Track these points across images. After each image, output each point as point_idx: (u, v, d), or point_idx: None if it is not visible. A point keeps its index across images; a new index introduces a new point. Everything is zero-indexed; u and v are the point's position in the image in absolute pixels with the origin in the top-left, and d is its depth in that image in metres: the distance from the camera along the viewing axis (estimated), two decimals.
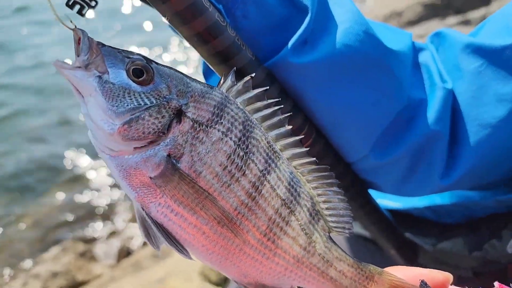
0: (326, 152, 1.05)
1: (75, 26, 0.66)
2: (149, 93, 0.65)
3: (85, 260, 4.15)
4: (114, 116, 0.63)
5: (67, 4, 0.90)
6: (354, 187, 1.14)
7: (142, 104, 0.64)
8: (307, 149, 0.77)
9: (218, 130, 0.68)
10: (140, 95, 0.65)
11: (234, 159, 0.68)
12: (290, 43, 0.90)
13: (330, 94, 0.95)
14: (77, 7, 0.92)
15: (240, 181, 0.68)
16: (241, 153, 0.69)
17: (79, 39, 0.65)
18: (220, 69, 0.88)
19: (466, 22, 5.36)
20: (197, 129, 0.67)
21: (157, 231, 0.68)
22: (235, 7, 0.90)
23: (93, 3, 0.89)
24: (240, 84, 0.73)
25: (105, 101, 0.63)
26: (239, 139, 0.70)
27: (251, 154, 0.70)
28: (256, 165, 0.70)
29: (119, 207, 4.93)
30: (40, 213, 4.86)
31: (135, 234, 4.51)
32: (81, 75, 0.64)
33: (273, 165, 0.72)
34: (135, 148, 0.65)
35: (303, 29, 0.90)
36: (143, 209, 0.67)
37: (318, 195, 0.77)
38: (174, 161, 0.65)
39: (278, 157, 0.74)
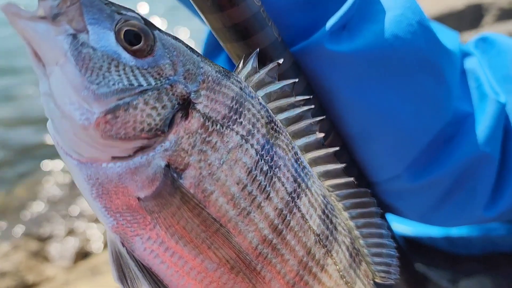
0: (349, 168, 0.87)
1: None
2: (146, 69, 0.46)
3: (37, 260, 3.83)
4: (92, 98, 0.43)
5: None
6: None
7: (135, 84, 0.45)
8: (344, 165, 0.61)
9: (237, 133, 0.50)
10: (132, 71, 0.45)
11: (256, 176, 0.50)
12: (328, 25, 0.72)
13: (367, 95, 0.77)
14: None
15: (264, 207, 0.50)
16: (265, 168, 0.51)
17: None
18: (235, 47, 0.69)
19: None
20: (209, 129, 0.48)
21: (141, 276, 0.47)
22: None
23: None
24: (263, 72, 0.56)
25: (79, 74, 0.43)
26: (262, 147, 0.52)
27: (277, 169, 0.52)
28: (283, 185, 0.53)
29: (80, 203, 4.63)
30: None
31: (95, 235, 4.23)
32: (45, 30, 0.42)
33: (303, 185, 0.55)
34: (119, 151, 0.45)
35: (347, 9, 0.72)
36: (123, 244, 0.47)
37: (357, 227, 0.62)
38: (174, 174, 0.46)
39: (309, 175, 0.57)
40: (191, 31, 8.34)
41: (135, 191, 0.45)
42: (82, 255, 4.02)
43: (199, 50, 0.95)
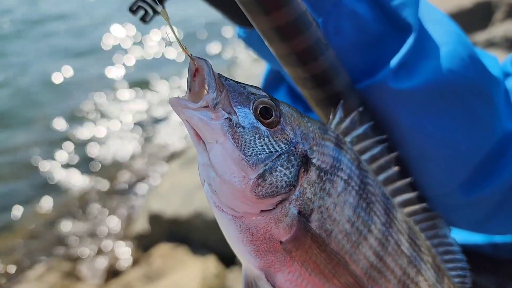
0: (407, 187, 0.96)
1: (191, 55, 0.55)
2: (277, 137, 0.56)
3: (71, 280, 3.91)
4: (248, 167, 0.53)
5: (130, 9, 0.79)
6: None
7: (273, 151, 0.55)
8: (416, 193, 0.70)
9: (341, 178, 0.60)
10: (269, 140, 0.55)
11: (359, 213, 0.60)
12: (392, 64, 0.80)
13: (425, 124, 0.85)
14: (141, 12, 0.82)
15: (368, 238, 0.60)
16: (364, 204, 0.61)
17: (197, 70, 0.54)
18: (312, 94, 0.77)
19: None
20: (323, 179, 0.58)
21: None
22: (327, 21, 0.80)
23: (159, 8, 0.79)
24: (348, 121, 0.65)
25: (236, 149, 0.53)
26: (359, 187, 0.61)
27: (372, 204, 0.62)
28: (379, 218, 0.62)
29: (105, 224, 4.72)
30: (24, 229, 4.60)
31: (123, 253, 4.30)
32: (208, 117, 0.53)
33: (391, 215, 0.65)
34: (267, 207, 0.55)
35: (407, 50, 0.80)
36: (267, 279, 0.57)
37: (434, 246, 0.71)
38: (304, 219, 0.56)
39: (393, 206, 0.66)
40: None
41: (278, 236, 0.56)
42: (113, 273, 4.10)
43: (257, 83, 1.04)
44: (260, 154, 0.54)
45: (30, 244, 4.43)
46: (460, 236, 1.27)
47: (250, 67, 7.43)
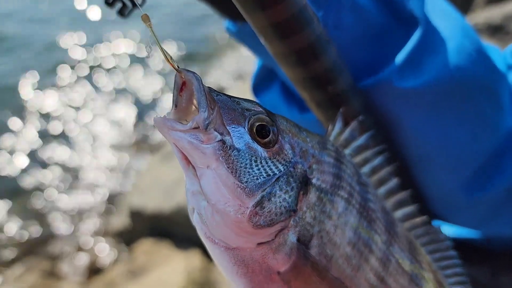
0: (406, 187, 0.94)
1: (178, 66, 0.48)
2: (276, 158, 0.50)
3: (52, 279, 3.83)
4: (244, 195, 0.48)
5: (106, 2, 0.72)
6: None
7: (271, 174, 0.49)
8: (417, 205, 0.67)
9: (342, 198, 0.55)
10: (267, 162, 0.50)
11: (360, 233, 0.56)
12: (397, 62, 0.75)
13: (429, 123, 0.80)
14: (118, 5, 0.73)
15: (369, 260, 0.56)
16: (365, 223, 0.57)
17: (184, 83, 0.48)
18: (312, 95, 0.73)
19: None
20: (323, 200, 0.53)
21: None
22: (327, 15, 0.75)
23: (139, 0, 0.70)
24: (348, 131, 0.61)
25: (231, 175, 0.47)
26: (360, 205, 0.57)
27: (373, 222, 0.58)
28: (380, 236, 0.58)
29: (84, 221, 4.62)
30: None
31: (104, 250, 4.24)
32: (198, 140, 0.47)
33: (392, 232, 0.61)
34: (264, 237, 0.50)
35: (413, 45, 0.75)
36: None
37: (435, 261, 0.68)
38: (303, 247, 0.51)
39: (394, 222, 0.62)
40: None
41: (276, 267, 0.51)
42: (95, 269, 4.04)
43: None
44: (257, 179, 0.48)
45: (4, 243, 4.30)
46: (452, 229, 1.29)
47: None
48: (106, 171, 5.32)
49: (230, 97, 0.52)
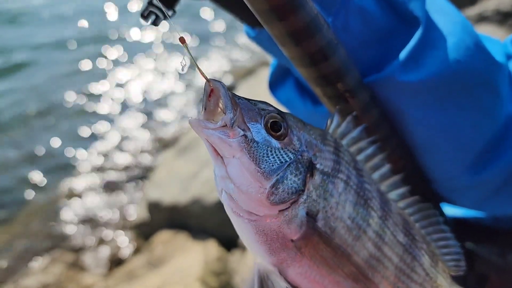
0: (412, 173, 1.01)
1: (207, 77, 0.60)
2: (287, 148, 0.63)
3: (75, 270, 4.00)
4: (263, 179, 0.60)
5: (142, 15, 0.85)
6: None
7: (283, 161, 0.62)
8: (409, 187, 0.77)
9: (341, 180, 0.67)
10: (280, 152, 0.62)
11: (358, 209, 0.67)
12: (401, 58, 0.82)
13: (432, 114, 0.88)
14: (152, 17, 0.86)
15: (367, 231, 0.68)
16: (362, 201, 0.68)
17: (212, 91, 0.60)
18: (324, 91, 0.82)
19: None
20: (326, 181, 0.65)
21: None
22: (336, 20, 0.83)
23: (170, 13, 0.85)
24: (344, 125, 0.72)
25: (252, 163, 0.60)
26: (357, 186, 0.69)
27: (369, 200, 0.70)
28: (375, 212, 0.70)
29: (104, 215, 4.78)
30: (24, 223, 4.65)
31: (124, 242, 4.39)
32: (226, 135, 0.59)
33: (386, 209, 0.72)
34: (280, 211, 0.62)
35: (415, 43, 0.82)
36: (280, 273, 0.64)
37: (428, 234, 0.78)
38: (311, 219, 0.63)
39: (388, 201, 0.74)
40: None
41: (290, 235, 0.62)
42: (116, 261, 4.19)
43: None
44: (272, 165, 0.60)
45: (30, 237, 4.48)
46: (463, 211, 1.34)
47: None
48: (125, 167, 5.47)
49: (249, 100, 0.64)
